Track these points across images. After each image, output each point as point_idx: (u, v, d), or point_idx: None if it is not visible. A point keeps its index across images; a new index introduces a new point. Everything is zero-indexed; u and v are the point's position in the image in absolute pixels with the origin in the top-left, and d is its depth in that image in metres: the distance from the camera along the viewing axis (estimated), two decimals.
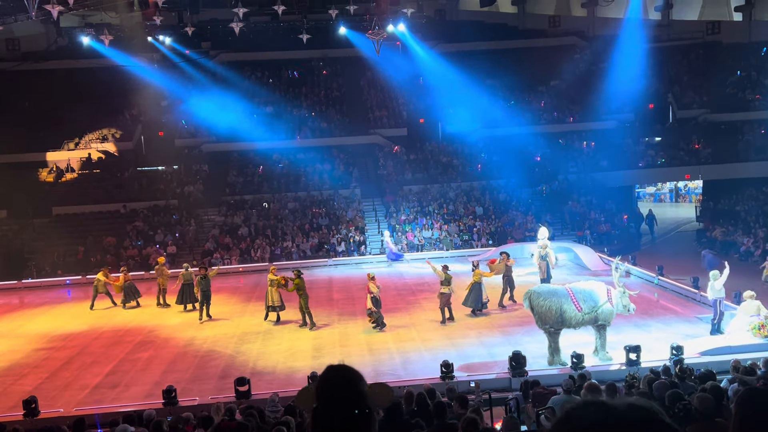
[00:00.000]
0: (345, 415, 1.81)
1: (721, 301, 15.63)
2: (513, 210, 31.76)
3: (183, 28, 35.14)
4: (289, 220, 31.39)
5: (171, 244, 29.67)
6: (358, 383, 1.89)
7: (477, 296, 18.18)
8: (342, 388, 1.86)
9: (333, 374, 1.92)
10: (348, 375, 1.91)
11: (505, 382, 13.17)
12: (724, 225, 29.48)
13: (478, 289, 18.19)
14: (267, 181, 34.12)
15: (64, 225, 31.33)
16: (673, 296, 19.82)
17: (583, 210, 31.80)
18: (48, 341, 18.50)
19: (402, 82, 38.84)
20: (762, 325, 14.36)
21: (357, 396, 1.84)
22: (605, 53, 37.48)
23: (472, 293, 18.21)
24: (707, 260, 23.71)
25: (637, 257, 24.36)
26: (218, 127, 36.25)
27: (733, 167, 33.55)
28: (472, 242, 29.78)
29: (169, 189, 33.55)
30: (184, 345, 17.47)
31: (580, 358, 13.12)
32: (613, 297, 13.63)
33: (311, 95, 39.64)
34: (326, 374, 1.94)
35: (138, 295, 22.13)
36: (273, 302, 18.76)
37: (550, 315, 13.57)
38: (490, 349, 15.47)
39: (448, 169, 34.74)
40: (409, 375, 13.87)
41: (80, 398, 13.84)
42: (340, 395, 1.83)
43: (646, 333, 15.90)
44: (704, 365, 11.89)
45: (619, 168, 34.21)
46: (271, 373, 14.82)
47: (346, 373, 1.92)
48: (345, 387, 1.87)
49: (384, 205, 32.89)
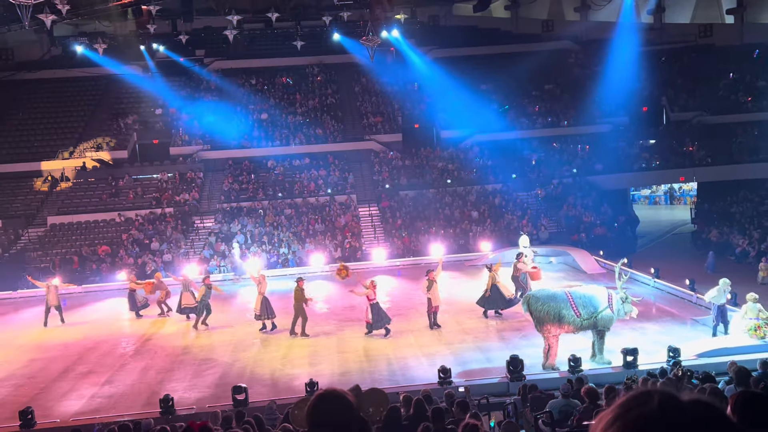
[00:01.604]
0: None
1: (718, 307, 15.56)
2: (509, 214, 31.80)
3: (177, 36, 35.22)
4: (285, 226, 31.37)
5: (167, 252, 29.60)
6: (350, 411, 1.86)
7: (498, 296, 18.40)
8: (334, 417, 1.83)
9: (324, 405, 1.87)
10: (339, 404, 1.87)
11: (503, 386, 13.16)
12: (719, 226, 29.57)
13: (496, 290, 18.36)
14: (262, 188, 34.09)
15: (59, 234, 31.26)
16: (669, 299, 19.85)
17: (579, 213, 31.86)
18: (43, 351, 18.41)
19: (396, 87, 38.94)
20: (758, 327, 14.38)
21: (350, 422, 1.82)
22: (599, 57, 37.64)
23: (492, 294, 18.41)
24: (709, 262, 23.94)
25: (633, 259, 24.40)
26: (213, 134, 36.28)
27: (728, 169, 33.69)
28: (468, 247, 29.76)
29: (164, 197, 33.49)
30: (180, 353, 17.41)
31: (578, 362, 13.10)
32: (613, 303, 13.57)
33: (306, 102, 39.67)
34: (317, 405, 1.88)
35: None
36: (256, 311, 18.64)
37: (548, 320, 13.53)
38: (488, 353, 15.45)
39: (444, 174, 34.78)
40: (407, 381, 13.85)
41: (77, 408, 13.76)
42: (333, 424, 1.81)
43: (643, 336, 15.90)
44: (701, 367, 11.91)
45: (614, 171, 34.29)
46: (268, 381, 14.77)
47: (338, 402, 1.88)
48: (338, 416, 1.84)
49: (380, 211, 32.89)
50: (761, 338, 14.24)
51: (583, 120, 37.27)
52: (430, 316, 17.97)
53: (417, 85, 39.24)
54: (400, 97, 39.14)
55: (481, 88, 37.87)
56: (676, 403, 1.03)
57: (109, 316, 22.25)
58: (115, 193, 33.75)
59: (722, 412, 1.03)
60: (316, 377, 13.09)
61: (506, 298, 18.49)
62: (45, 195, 33.90)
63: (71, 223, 31.90)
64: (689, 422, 1.00)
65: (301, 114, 38.64)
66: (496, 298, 18.52)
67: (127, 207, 32.76)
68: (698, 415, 1.01)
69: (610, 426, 1.05)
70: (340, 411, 1.86)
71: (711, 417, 1.01)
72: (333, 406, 1.88)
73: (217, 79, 39.78)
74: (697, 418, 1.00)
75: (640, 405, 1.04)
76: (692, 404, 1.03)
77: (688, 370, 11.09)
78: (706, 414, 1.01)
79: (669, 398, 1.04)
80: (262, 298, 18.57)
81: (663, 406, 1.02)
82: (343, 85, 41.04)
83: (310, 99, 39.88)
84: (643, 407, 1.03)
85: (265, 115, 37.96)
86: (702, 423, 1.00)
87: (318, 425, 1.80)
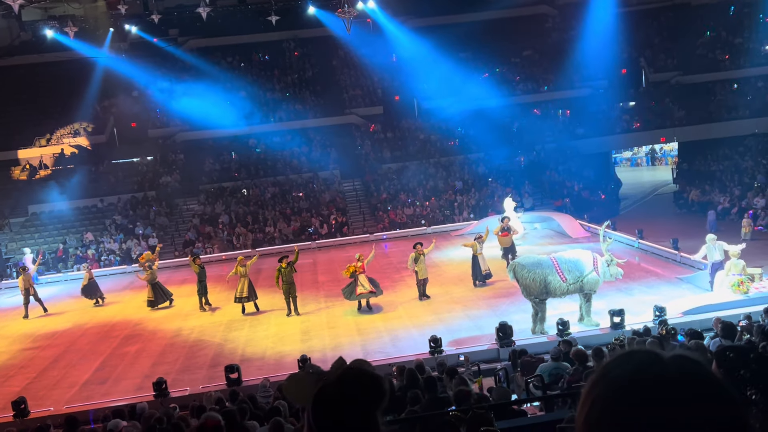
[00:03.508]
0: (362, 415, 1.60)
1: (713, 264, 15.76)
2: (493, 182, 31.88)
3: (149, 16, 34.46)
4: (270, 205, 31.25)
5: (152, 236, 29.43)
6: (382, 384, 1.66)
7: (476, 269, 18.60)
8: (365, 390, 1.63)
9: (356, 375, 1.66)
10: (370, 376, 1.65)
11: (493, 353, 13.32)
12: (700, 186, 29.87)
13: (476, 261, 18.52)
14: (244, 167, 33.85)
15: (41, 223, 30.94)
16: (654, 259, 20.10)
17: (561, 179, 32.01)
18: (33, 341, 18.34)
19: (375, 59, 38.54)
20: (741, 282, 14.63)
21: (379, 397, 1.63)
22: (576, 20, 37.48)
23: (473, 266, 18.61)
24: (710, 221, 24.22)
25: (617, 222, 24.65)
26: (192, 115, 35.80)
27: (707, 128, 33.94)
28: (453, 217, 29.87)
29: (145, 180, 33.17)
30: (171, 336, 17.41)
31: (566, 325, 13.27)
32: (599, 266, 13.70)
33: (284, 78, 39.25)
34: (349, 374, 1.66)
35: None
36: (241, 293, 18.44)
37: (534, 286, 13.67)
38: (477, 321, 15.61)
39: (426, 145, 34.71)
40: (399, 352, 13.96)
41: (70, 396, 13.76)
42: (363, 399, 1.61)
43: (629, 296, 16.12)
44: (687, 324, 12.10)
45: (595, 135, 34.43)
46: (260, 359, 14.84)
47: (369, 373, 1.67)
48: (368, 390, 1.63)
49: (364, 185, 32.83)
50: (744, 293, 14.49)
51: (563, 85, 37.25)
52: (419, 288, 18.08)
53: (395, 57, 38.90)
54: (379, 69, 38.79)
55: (460, 56, 37.62)
56: (658, 359, 1.04)
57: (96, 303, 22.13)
58: (96, 179, 33.36)
59: (703, 365, 1.04)
60: (309, 353, 13.17)
61: (482, 272, 18.62)
62: (24, 184, 33.45)
63: (52, 210, 31.57)
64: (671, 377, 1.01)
65: (279, 90, 38.26)
66: (475, 271, 18.71)
67: (108, 192, 32.42)
68: (680, 370, 1.02)
69: (594, 387, 1.06)
70: (373, 382, 1.66)
71: (693, 371, 1.03)
72: (368, 375, 1.66)
73: (192, 58, 39.16)
74: (679, 373, 1.02)
75: (622, 364, 1.06)
76: (674, 359, 1.04)
77: (672, 328, 11.27)
78: (687, 368, 1.03)
79: (650, 355, 1.05)
80: (247, 280, 18.51)
81: (644, 363, 1.04)
82: (321, 60, 40.60)
83: (288, 75, 39.45)
84: (625, 366, 1.05)
85: (243, 93, 37.53)
86: (684, 377, 1.01)
87: (350, 396, 1.61)
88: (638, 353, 1.07)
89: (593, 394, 1.05)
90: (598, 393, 1.05)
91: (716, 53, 37.21)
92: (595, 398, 1.05)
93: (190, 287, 20.67)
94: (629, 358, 1.06)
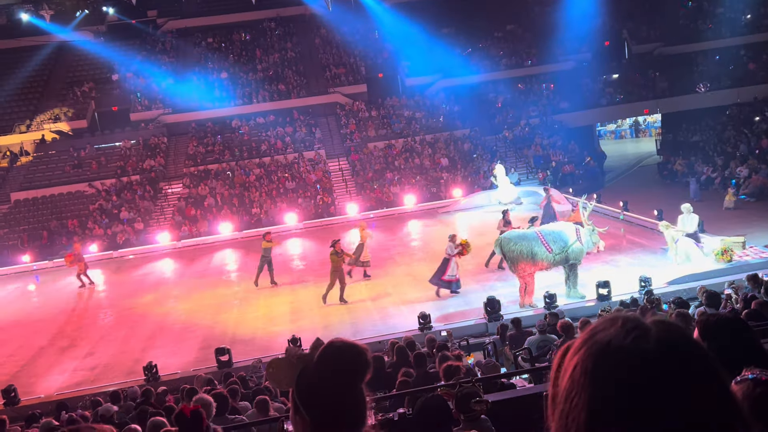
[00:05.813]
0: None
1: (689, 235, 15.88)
2: (478, 158, 31.89)
3: None
4: (255, 187, 31.10)
5: (138, 221, 29.24)
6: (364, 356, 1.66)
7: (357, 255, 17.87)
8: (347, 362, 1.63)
9: (338, 348, 1.66)
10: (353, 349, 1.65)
11: (481, 327, 13.44)
12: (684, 156, 30.06)
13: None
14: (228, 148, 33.61)
15: (24, 210, 30.63)
16: (639, 230, 20.25)
17: (546, 153, 32.07)
18: (20, 327, 18.24)
19: (357, 37, 38.26)
20: (725, 251, 14.81)
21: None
22: None
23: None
24: (692, 189, 24.37)
25: (602, 194, 24.73)
26: (174, 97, 35.44)
27: (690, 98, 34.07)
28: (440, 194, 29.88)
29: (129, 165, 32.87)
30: (160, 320, 17.39)
31: (553, 298, 13.40)
32: (582, 236, 13.86)
33: (266, 57, 38.85)
34: (331, 349, 1.67)
35: None
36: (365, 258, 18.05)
37: (522, 259, 13.77)
38: (465, 297, 15.70)
39: (411, 122, 34.60)
40: (389, 329, 14.03)
41: (60, 383, 13.75)
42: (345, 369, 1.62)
43: (615, 268, 16.25)
44: (673, 294, 12.25)
45: (579, 108, 34.45)
46: (251, 340, 14.87)
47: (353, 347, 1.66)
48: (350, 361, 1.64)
49: (350, 165, 32.73)
50: (728, 261, 14.69)
51: (547, 59, 37.17)
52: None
53: (378, 34, 38.60)
54: (361, 46, 38.50)
55: (443, 32, 37.40)
56: (639, 324, 1.06)
57: (82, 289, 22.03)
58: (78, 164, 33.00)
59: (683, 330, 1.08)
60: (299, 333, 13.22)
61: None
62: (5, 171, 33.04)
63: (36, 197, 31.24)
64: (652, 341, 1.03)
65: (261, 70, 37.89)
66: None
67: (91, 177, 32.09)
68: (661, 333, 1.05)
69: (577, 352, 1.08)
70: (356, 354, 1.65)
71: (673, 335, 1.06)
72: (349, 349, 1.65)
73: (172, 39, 38.66)
74: (659, 336, 1.04)
75: (604, 329, 1.08)
76: (655, 324, 1.07)
77: (657, 297, 11.41)
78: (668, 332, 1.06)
79: (632, 320, 1.08)
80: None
81: (626, 327, 1.06)
82: (303, 38, 40.20)
83: (270, 54, 39.05)
84: (607, 330, 1.07)
85: (225, 73, 37.15)
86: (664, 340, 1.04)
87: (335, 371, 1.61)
88: (620, 318, 1.09)
89: (577, 356, 1.07)
90: (582, 355, 1.07)
91: (698, 23, 37.23)
92: (579, 360, 1.07)
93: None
94: (612, 322, 1.09)
